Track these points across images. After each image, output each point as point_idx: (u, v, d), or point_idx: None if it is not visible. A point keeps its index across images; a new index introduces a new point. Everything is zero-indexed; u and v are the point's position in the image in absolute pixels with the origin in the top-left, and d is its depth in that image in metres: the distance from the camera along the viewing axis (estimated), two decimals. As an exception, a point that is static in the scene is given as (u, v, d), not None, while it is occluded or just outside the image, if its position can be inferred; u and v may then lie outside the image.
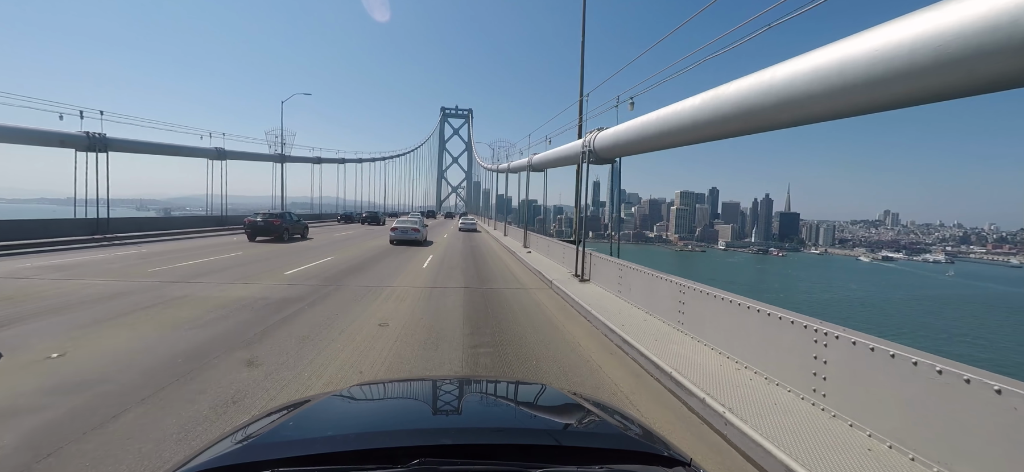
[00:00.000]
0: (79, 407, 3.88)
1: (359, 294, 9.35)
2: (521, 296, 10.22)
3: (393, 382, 2.02)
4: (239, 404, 4.07)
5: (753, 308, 5.00)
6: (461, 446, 1.13)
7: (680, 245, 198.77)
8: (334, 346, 5.88)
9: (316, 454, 1.04)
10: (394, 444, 1.09)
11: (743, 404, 4.15)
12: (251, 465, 0.97)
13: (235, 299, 8.32)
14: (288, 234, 20.36)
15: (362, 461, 1.01)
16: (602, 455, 1.12)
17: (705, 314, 6.00)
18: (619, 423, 1.42)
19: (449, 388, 1.84)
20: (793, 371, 4.42)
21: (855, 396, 3.73)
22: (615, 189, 12.55)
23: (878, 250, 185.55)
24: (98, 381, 4.44)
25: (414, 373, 5.01)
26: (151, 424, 3.64)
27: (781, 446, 3.41)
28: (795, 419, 3.88)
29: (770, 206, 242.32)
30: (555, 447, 1.16)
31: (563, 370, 5.47)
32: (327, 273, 11.99)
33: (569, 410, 1.59)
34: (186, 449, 3.23)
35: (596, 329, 7.56)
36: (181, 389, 4.33)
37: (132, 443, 3.35)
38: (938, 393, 3.06)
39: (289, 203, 40.12)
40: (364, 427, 1.37)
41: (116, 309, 7.33)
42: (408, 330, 6.82)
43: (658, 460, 1.13)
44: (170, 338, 5.90)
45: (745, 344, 5.12)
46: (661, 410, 4.50)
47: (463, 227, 38.72)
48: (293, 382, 4.64)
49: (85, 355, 5.16)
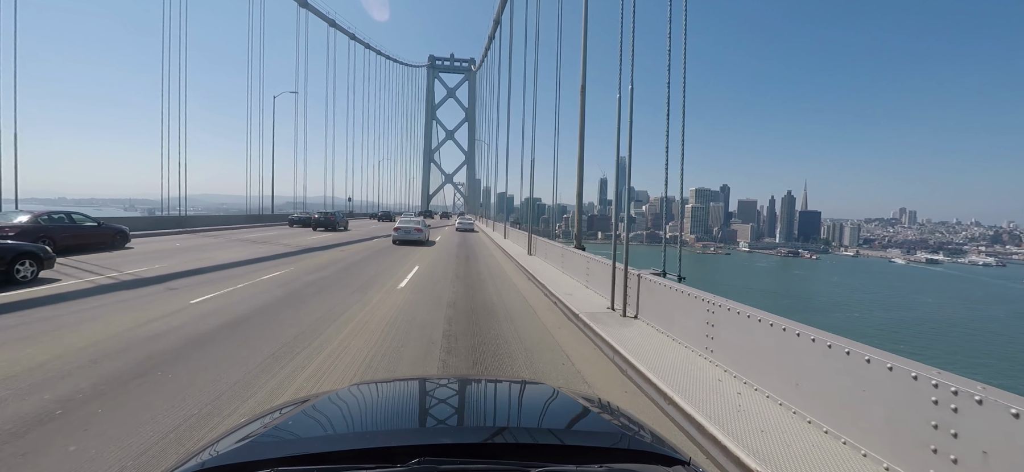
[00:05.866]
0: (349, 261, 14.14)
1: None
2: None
3: (392, 381, 2.05)
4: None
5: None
6: (460, 445, 1.17)
7: (698, 247, 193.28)
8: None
9: (315, 453, 1.07)
10: (393, 443, 1.12)
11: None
12: (251, 464, 0.99)
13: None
14: (339, 226, 31.55)
15: (361, 460, 1.03)
16: (602, 454, 1.14)
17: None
18: (619, 422, 1.44)
19: (449, 387, 1.87)
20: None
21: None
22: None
23: (912, 251, 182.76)
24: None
25: (412, 372, 5.07)
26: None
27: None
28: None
29: (792, 204, 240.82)
30: (555, 446, 1.18)
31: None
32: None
33: (569, 409, 1.62)
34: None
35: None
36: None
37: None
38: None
39: (279, 202, 45.70)
40: (363, 426, 1.40)
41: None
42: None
43: (658, 459, 1.16)
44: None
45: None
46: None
47: (461, 227, 36.01)
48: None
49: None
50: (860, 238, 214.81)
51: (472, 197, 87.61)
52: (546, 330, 7.06)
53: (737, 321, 4.72)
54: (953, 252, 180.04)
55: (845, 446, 3.29)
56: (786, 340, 3.99)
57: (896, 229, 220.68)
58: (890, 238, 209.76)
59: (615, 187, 11.12)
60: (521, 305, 8.94)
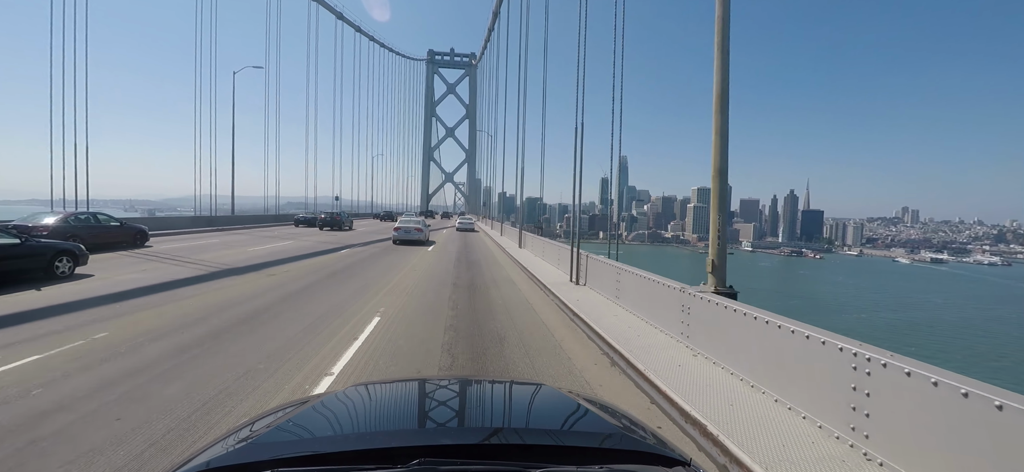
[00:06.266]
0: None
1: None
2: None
3: (393, 382, 2.09)
4: (401, 262, 15.25)
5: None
6: (460, 446, 1.17)
7: (700, 246, 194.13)
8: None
9: (316, 454, 1.08)
10: (394, 444, 1.13)
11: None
12: (251, 465, 1.00)
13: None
14: (345, 226, 32.55)
15: (362, 461, 1.03)
16: (602, 454, 1.15)
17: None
18: (619, 423, 1.45)
19: (448, 388, 1.89)
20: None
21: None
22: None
23: (916, 250, 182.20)
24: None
25: (413, 371, 5.23)
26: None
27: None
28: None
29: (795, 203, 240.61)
30: (555, 447, 1.19)
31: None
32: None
33: (569, 410, 1.63)
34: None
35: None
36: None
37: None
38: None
39: (284, 203, 45.82)
40: (364, 427, 1.41)
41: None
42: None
43: (658, 460, 1.16)
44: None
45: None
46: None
47: (461, 227, 36.19)
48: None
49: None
50: (863, 237, 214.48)
51: (473, 197, 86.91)
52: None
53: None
54: (957, 251, 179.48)
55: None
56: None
57: (898, 228, 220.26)
58: (893, 237, 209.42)
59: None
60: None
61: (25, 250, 9.27)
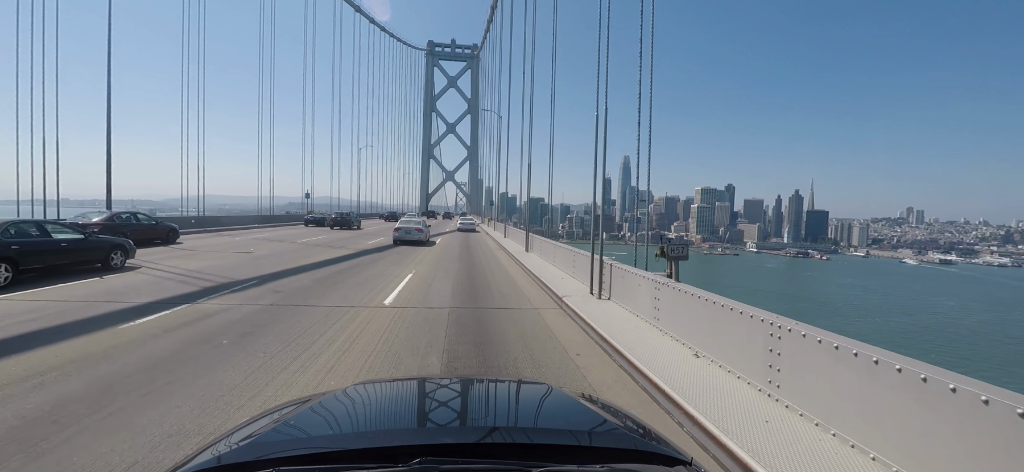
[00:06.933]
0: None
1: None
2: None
3: (393, 381, 2.09)
4: (415, 253, 18.38)
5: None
6: (461, 445, 1.18)
7: (705, 247, 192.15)
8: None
9: (316, 453, 1.08)
10: (394, 443, 1.13)
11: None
12: (251, 464, 1.00)
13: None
14: (354, 225, 34.84)
15: (363, 460, 1.03)
16: (603, 454, 1.15)
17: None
18: (620, 422, 1.44)
19: (449, 387, 1.90)
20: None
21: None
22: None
23: (923, 251, 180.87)
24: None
25: (414, 371, 5.21)
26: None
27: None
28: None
29: (800, 203, 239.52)
30: (556, 446, 1.18)
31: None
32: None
33: (570, 409, 1.64)
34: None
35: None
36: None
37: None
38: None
39: (285, 204, 44.86)
40: (364, 426, 1.42)
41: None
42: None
43: (659, 459, 1.15)
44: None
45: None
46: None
47: (462, 227, 36.13)
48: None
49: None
50: (868, 238, 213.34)
51: (475, 197, 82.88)
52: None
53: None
54: (965, 252, 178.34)
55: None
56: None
57: (904, 229, 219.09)
58: (898, 238, 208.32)
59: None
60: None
61: (89, 244, 10.53)
